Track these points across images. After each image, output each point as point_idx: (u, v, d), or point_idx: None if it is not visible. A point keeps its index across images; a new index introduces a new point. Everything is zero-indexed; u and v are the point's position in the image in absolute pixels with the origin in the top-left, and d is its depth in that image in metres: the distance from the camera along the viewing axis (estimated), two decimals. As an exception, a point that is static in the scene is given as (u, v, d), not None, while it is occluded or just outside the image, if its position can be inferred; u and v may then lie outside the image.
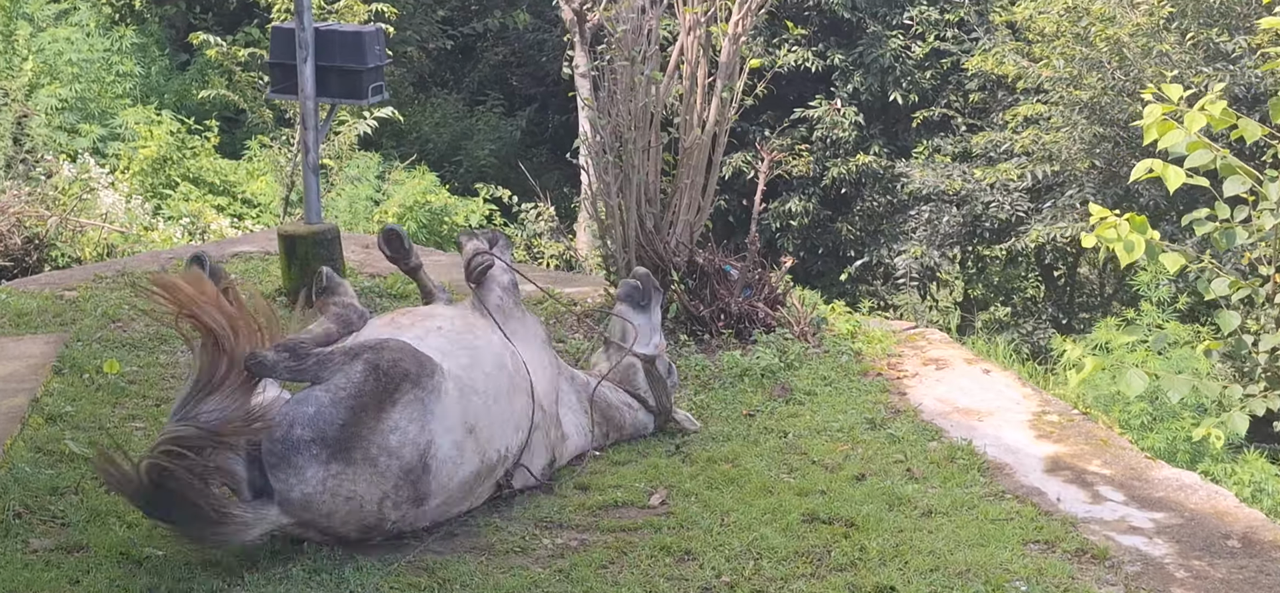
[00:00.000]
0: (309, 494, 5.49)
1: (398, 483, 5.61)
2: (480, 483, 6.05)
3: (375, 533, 5.72)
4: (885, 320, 10.14)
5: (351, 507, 5.56)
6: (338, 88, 9.54)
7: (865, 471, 6.75)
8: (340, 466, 5.48)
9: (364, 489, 5.55)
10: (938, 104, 20.37)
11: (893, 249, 20.28)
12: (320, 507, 5.52)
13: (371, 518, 5.63)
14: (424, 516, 5.82)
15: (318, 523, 5.57)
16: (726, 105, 9.22)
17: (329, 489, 5.49)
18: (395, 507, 5.66)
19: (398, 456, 5.60)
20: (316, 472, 5.47)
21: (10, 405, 7.19)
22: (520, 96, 24.08)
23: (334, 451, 5.48)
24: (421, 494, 5.72)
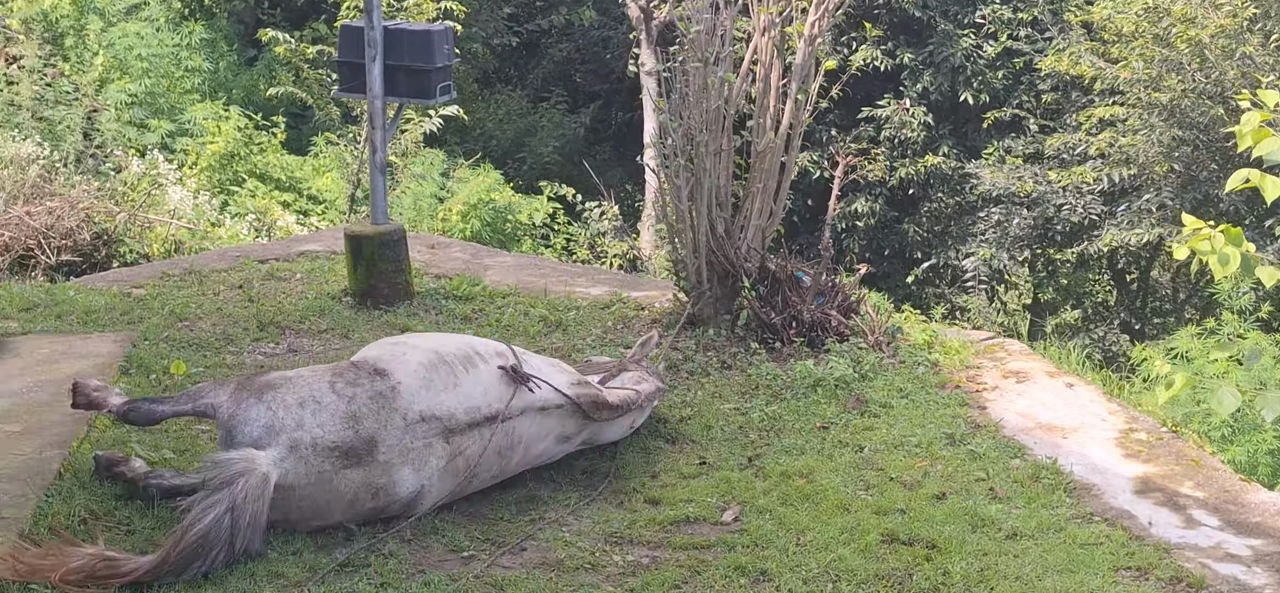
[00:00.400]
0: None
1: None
2: (477, 398, 6.22)
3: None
4: (963, 330, 9.90)
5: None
6: (406, 87, 9.44)
7: (946, 489, 6.55)
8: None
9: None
10: (1009, 104, 20.05)
11: (961, 251, 20.00)
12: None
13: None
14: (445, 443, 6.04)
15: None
16: (800, 107, 9.03)
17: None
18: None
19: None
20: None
21: (76, 407, 7.12)
22: (584, 93, 23.95)
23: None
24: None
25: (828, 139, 19.95)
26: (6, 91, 15.30)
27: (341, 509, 5.83)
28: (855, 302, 8.89)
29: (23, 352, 8.11)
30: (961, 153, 20.34)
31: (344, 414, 5.80)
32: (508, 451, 6.31)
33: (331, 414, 5.78)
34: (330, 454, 5.73)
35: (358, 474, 5.78)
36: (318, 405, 5.79)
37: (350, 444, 5.76)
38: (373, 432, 5.82)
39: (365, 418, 5.82)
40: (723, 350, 8.60)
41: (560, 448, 6.64)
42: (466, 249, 11.73)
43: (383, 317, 9.23)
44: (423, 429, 5.95)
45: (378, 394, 5.90)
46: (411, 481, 5.92)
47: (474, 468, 6.15)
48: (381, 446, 5.83)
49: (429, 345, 6.31)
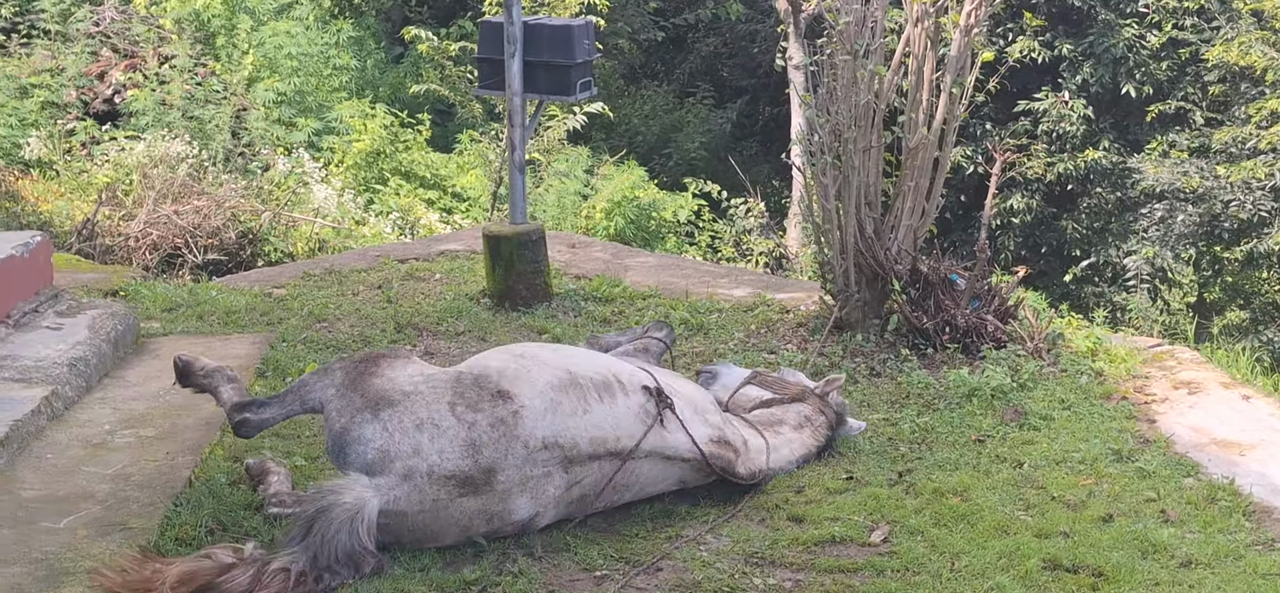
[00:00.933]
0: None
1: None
2: (608, 429, 5.91)
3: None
4: (1128, 336, 9.36)
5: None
6: (545, 83, 9.23)
7: (1113, 510, 6.10)
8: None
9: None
10: (1174, 97, 19.32)
11: (1122, 249, 19.35)
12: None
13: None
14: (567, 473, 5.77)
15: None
16: (955, 102, 8.60)
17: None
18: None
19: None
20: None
21: (211, 411, 7.01)
22: (731, 88, 23.64)
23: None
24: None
25: (982, 133, 19.41)
26: (158, 91, 15.51)
27: (454, 534, 5.58)
28: (1013, 306, 8.43)
29: (163, 352, 8.08)
30: (1123, 147, 19.71)
31: (464, 442, 5.51)
32: (623, 487, 5.99)
33: (450, 441, 5.50)
34: (446, 483, 5.48)
35: (473, 503, 5.53)
36: (436, 430, 5.51)
37: (467, 474, 5.50)
38: (492, 461, 5.54)
39: (485, 447, 5.53)
40: (871, 357, 8.23)
41: (679, 487, 6.31)
42: (607, 249, 11.50)
43: (521, 319, 9.04)
44: (544, 457, 5.65)
45: (500, 421, 5.58)
46: (526, 508, 5.65)
47: (589, 501, 5.86)
48: (500, 475, 5.55)
49: (561, 362, 5.97)
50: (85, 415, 6.90)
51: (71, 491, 5.93)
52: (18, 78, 15.34)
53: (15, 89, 15.26)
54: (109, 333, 7.75)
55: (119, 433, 6.67)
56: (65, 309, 8.05)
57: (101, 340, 7.61)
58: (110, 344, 7.70)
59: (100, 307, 8.21)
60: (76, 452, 6.40)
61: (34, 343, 7.44)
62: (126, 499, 5.86)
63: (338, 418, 5.58)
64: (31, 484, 6.00)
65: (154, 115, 15.05)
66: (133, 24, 16.50)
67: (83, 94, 15.54)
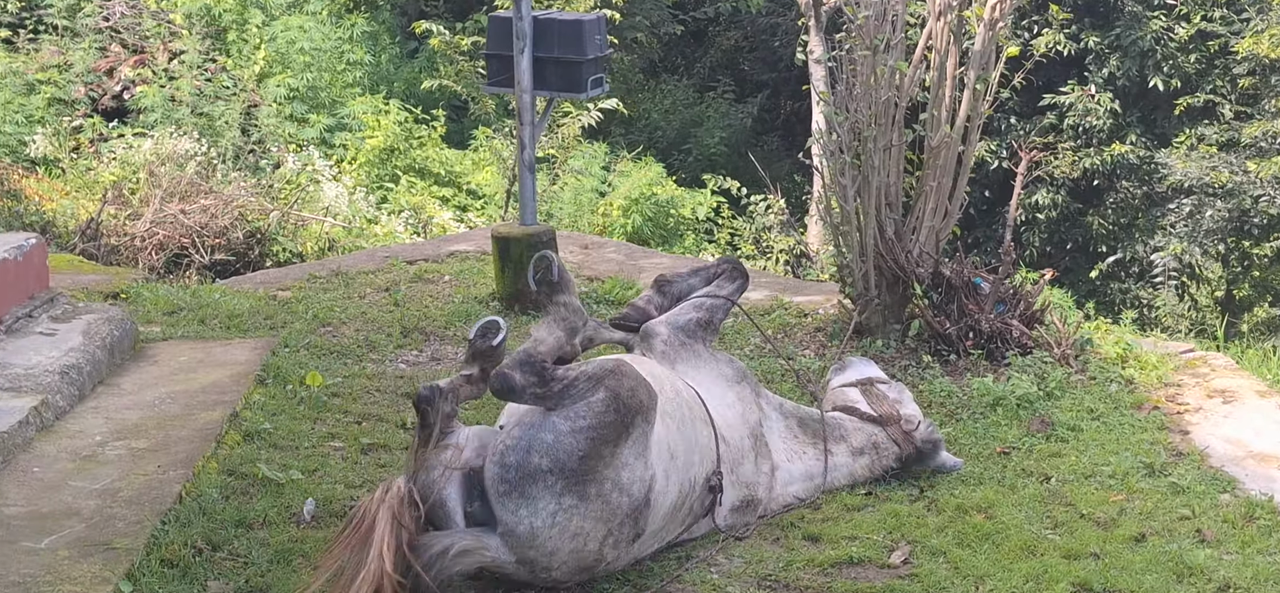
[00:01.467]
0: (537, 528, 5.00)
1: (623, 521, 5.12)
2: (675, 514, 5.51)
3: (586, 574, 5.18)
4: (1159, 341, 9.04)
5: (576, 545, 5.05)
6: (556, 80, 8.96)
7: (1145, 529, 5.80)
8: (574, 500, 5.01)
9: (591, 526, 5.05)
10: (1202, 90, 18.96)
11: (1149, 244, 19.02)
12: (546, 544, 5.02)
13: (591, 558, 5.11)
14: (633, 553, 5.31)
15: (537, 561, 5.06)
16: (979, 98, 8.30)
17: (558, 525, 5.00)
18: (614, 546, 5.14)
19: (628, 492, 5.12)
20: (549, 504, 5.00)
21: (207, 421, 6.79)
22: (751, 83, 23.34)
23: (570, 483, 5.01)
24: (639, 531, 5.21)
25: (1007, 128, 19.08)
26: (168, 87, 15.29)
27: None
28: (1039, 310, 8.13)
29: (161, 359, 7.85)
30: (1150, 141, 19.34)
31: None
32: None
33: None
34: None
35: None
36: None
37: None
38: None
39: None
40: (892, 363, 7.93)
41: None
42: (621, 249, 11.22)
43: (530, 323, 8.77)
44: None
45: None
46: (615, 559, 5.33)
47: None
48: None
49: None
50: (76, 426, 6.66)
51: (56, 507, 5.68)
52: (24, 73, 15.13)
53: (22, 85, 15.06)
54: (104, 339, 7.51)
55: (110, 444, 6.41)
56: (60, 314, 7.81)
57: (96, 347, 7.37)
58: (105, 351, 7.46)
59: (97, 311, 7.97)
60: (64, 465, 6.16)
61: (26, 350, 7.20)
62: (112, 517, 5.60)
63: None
64: (15, 500, 5.75)
65: (163, 112, 14.82)
66: (142, 19, 16.27)
67: (91, 90, 15.32)
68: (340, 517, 5.95)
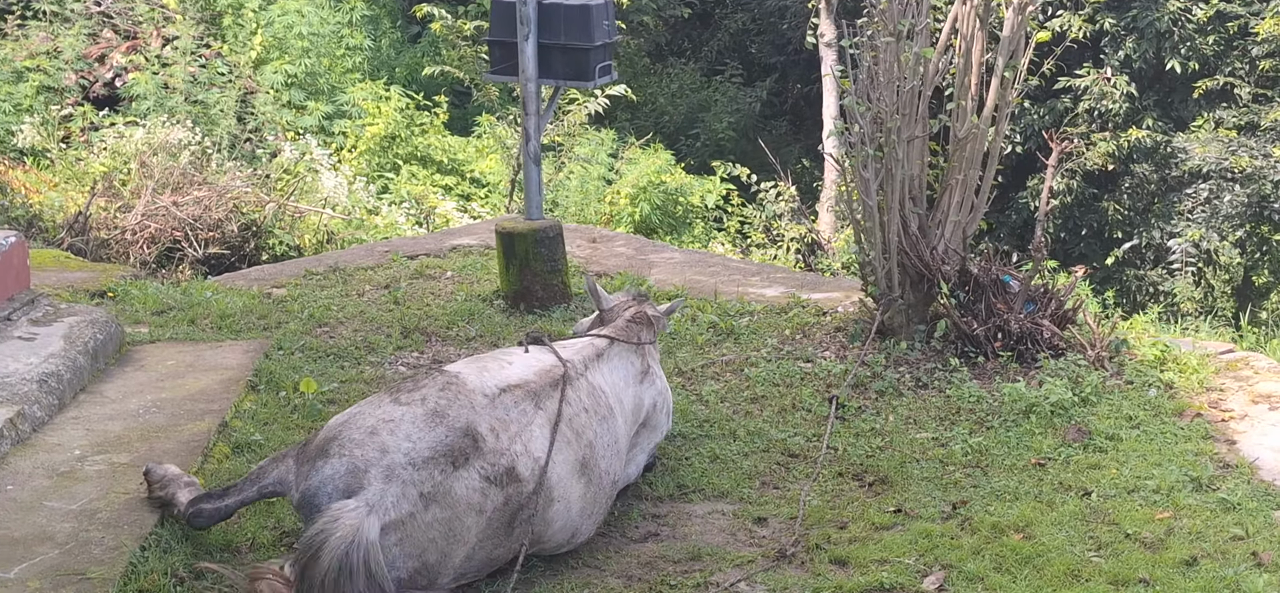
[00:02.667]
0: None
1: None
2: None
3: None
4: (1197, 339, 8.63)
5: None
6: (562, 68, 8.55)
7: (1196, 551, 5.41)
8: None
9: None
10: (1221, 72, 18.54)
11: (1165, 230, 18.61)
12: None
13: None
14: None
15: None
16: (1007, 86, 7.89)
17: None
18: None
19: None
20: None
21: (195, 432, 6.41)
22: (760, 66, 22.89)
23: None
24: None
25: (1021, 112, 18.65)
26: (160, 73, 14.86)
27: (479, 528, 4.95)
28: (1072, 310, 7.72)
29: (148, 363, 7.46)
30: (1167, 125, 18.93)
31: (424, 415, 4.98)
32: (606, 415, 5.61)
33: (412, 422, 4.96)
34: (432, 464, 4.88)
35: (471, 473, 4.92)
36: (392, 423, 4.96)
37: (447, 442, 4.93)
38: (465, 417, 5.00)
39: (448, 409, 5.01)
40: (917, 366, 7.54)
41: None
42: (630, 243, 10.81)
43: (536, 321, 8.39)
44: (507, 399, 5.19)
45: (445, 386, 5.13)
46: (526, 460, 5.09)
47: (586, 435, 5.39)
48: (480, 427, 5.02)
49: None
50: (55, 438, 6.27)
51: (29, 531, 5.29)
52: (12, 61, 14.69)
53: (10, 73, 14.61)
54: (87, 343, 7.12)
55: (90, 459, 6.03)
56: (41, 317, 7.42)
57: (77, 352, 6.98)
58: (88, 356, 7.07)
59: (80, 313, 7.57)
60: (40, 483, 5.77)
61: (3, 356, 6.80)
62: (89, 541, 5.22)
63: (298, 484, 5.01)
64: (-15, 523, 5.38)
65: (156, 100, 14.38)
66: (135, 4, 15.80)
67: (81, 78, 14.88)
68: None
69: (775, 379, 7.48)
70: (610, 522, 5.83)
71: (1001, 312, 7.57)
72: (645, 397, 6.01)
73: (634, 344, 6.04)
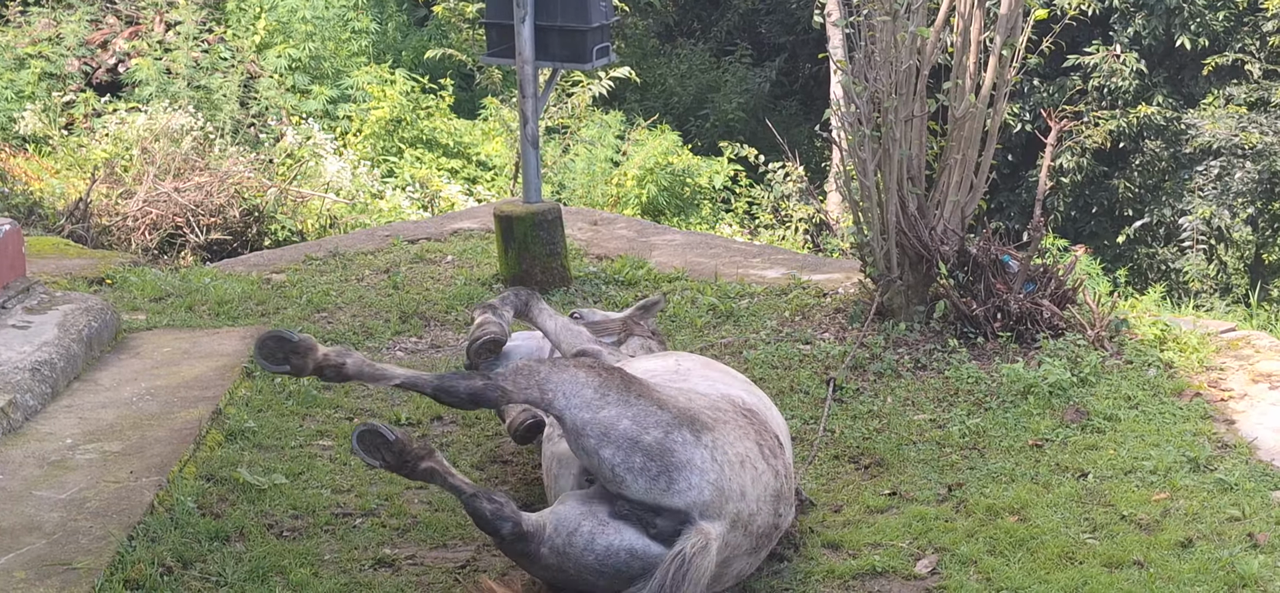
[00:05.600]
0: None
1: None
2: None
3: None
4: (1198, 318, 8.56)
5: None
6: (559, 50, 8.50)
7: (1192, 532, 5.35)
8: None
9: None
10: (1231, 48, 18.39)
11: (1176, 207, 18.50)
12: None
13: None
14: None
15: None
16: (1006, 64, 7.82)
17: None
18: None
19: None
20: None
21: (187, 419, 6.38)
22: (769, 46, 22.78)
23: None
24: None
25: (1030, 90, 18.54)
26: (163, 59, 14.82)
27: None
28: (1072, 289, 7.66)
29: (144, 350, 7.45)
30: (1177, 102, 18.80)
31: (773, 493, 4.83)
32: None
33: (765, 489, 4.80)
34: (754, 539, 4.80)
35: (744, 565, 4.86)
36: (756, 474, 4.77)
37: (768, 530, 4.86)
38: (779, 520, 4.92)
39: (783, 501, 4.91)
40: (916, 347, 7.49)
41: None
42: (632, 226, 10.76)
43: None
44: (785, 455, 5.09)
45: (785, 473, 4.96)
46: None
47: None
48: (771, 539, 4.96)
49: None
50: (46, 427, 6.26)
51: (17, 521, 5.28)
52: (14, 47, 14.66)
53: (12, 60, 14.58)
54: (81, 331, 7.10)
55: (81, 448, 6.01)
56: (36, 304, 7.40)
57: (71, 340, 6.96)
58: (82, 344, 7.05)
59: (75, 301, 7.55)
60: (31, 472, 5.76)
61: (-4, 345, 6.80)
62: (77, 531, 5.21)
63: (639, 428, 4.63)
64: (-25, 513, 5.36)
65: (158, 85, 14.35)
66: (138, -13, 15.81)
67: (84, 64, 14.86)
68: (324, 526, 5.57)
69: (774, 361, 7.43)
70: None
71: (1001, 292, 7.51)
72: None
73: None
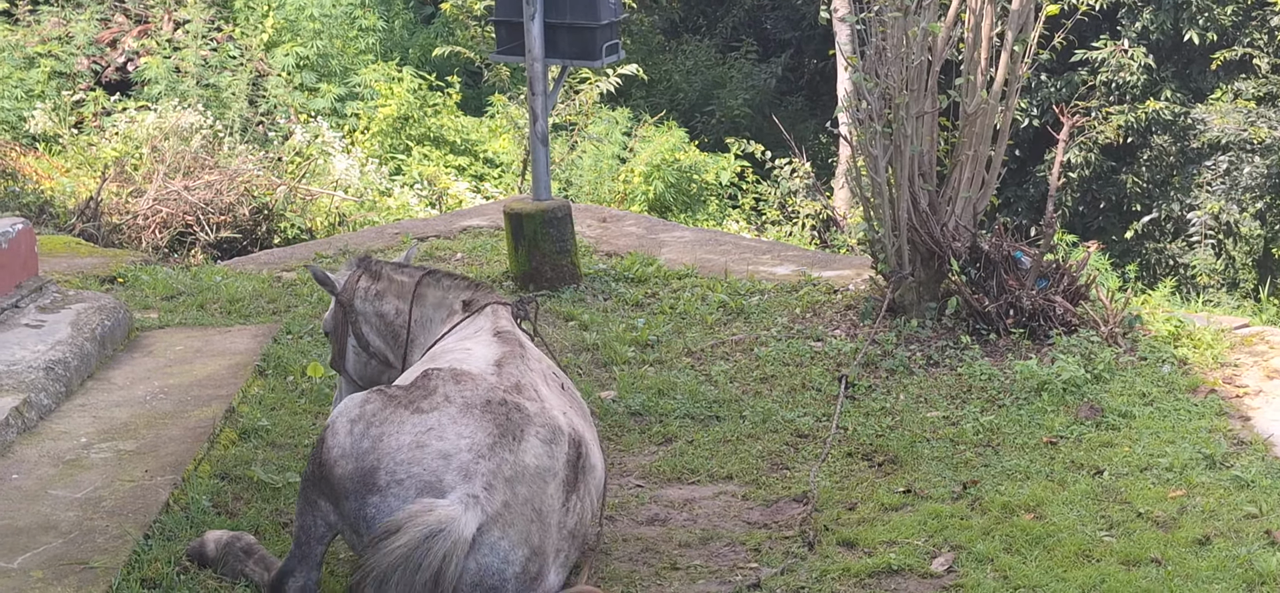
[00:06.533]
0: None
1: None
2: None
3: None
4: (1211, 313, 8.54)
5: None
6: (568, 47, 8.49)
7: (1209, 530, 5.34)
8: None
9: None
10: (1240, 43, 18.35)
11: (1185, 203, 18.46)
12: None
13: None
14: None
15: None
16: (1017, 60, 7.81)
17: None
18: None
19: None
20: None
21: (201, 417, 6.38)
22: (775, 42, 22.76)
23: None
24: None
25: (1037, 85, 18.51)
26: (172, 57, 14.82)
27: (558, 494, 4.66)
28: (1084, 285, 7.65)
29: (156, 348, 7.45)
30: (1185, 97, 18.75)
31: (459, 410, 4.64)
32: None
33: (452, 421, 4.63)
34: (498, 446, 4.58)
35: (531, 440, 4.65)
36: (434, 431, 4.59)
37: (500, 421, 4.64)
38: (498, 395, 4.73)
39: (475, 395, 4.70)
40: (928, 344, 7.48)
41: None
42: (641, 222, 10.76)
43: (546, 303, 8.34)
44: (509, 370, 4.97)
45: (454, 377, 4.79)
46: (558, 415, 4.84)
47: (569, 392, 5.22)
48: (512, 399, 4.74)
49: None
50: (61, 426, 6.26)
51: (33, 520, 5.28)
52: (24, 46, 14.66)
53: (22, 59, 14.58)
54: (94, 330, 7.11)
55: (96, 447, 6.02)
56: (48, 303, 7.41)
57: (85, 339, 6.97)
58: (95, 343, 7.06)
59: (88, 300, 7.56)
60: (46, 471, 5.76)
61: (10, 344, 6.79)
62: (93, 530, 5.20)
63: (354, 522, 4.63)
64: (-10, 512, 5.36)
65: (167, 84, 14.35)
66: (146, -13, 15.80)
67: (93, 62, 14.86)
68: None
69: (785, 359, 7.43)
70: (616, 505, 5.79)
71: (1013, 288, 7.50)
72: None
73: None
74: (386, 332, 5.69)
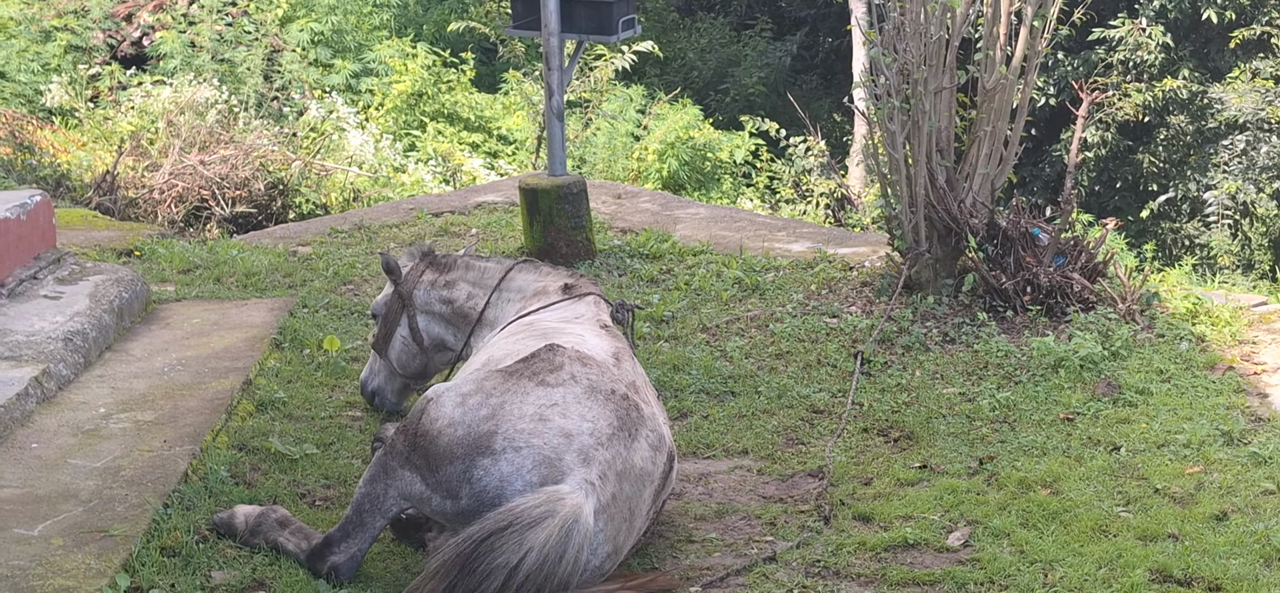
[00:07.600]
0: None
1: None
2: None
3: None
4: (1229, 290, 8.52)
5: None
6: (584, 22, 8.48)
7: (1226, 506, 5.33)
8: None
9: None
10: (1258, 21, 18.26)
11: (1201, 182, 18.40)
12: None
13: None
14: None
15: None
16: (1036, 36, 7.78)
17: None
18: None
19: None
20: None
21: (219, 389, 6.40)
22: (790, 19, 22.69)
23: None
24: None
25: (1054, 63, 18.44)
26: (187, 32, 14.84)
27: (649, 500, 4.73)
28: (1102, 263, 7.63)
29: (174, 321, 7.47)
30: (1203, 76, 18.67)
31: (584, 392, 4.66)
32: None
33: (577, 401, 4.62)
34: (614, 439, 4.59)
35: (641, 443, 4.67)
36: (558, 406, 4.58)
37: (621, 414, 4.64)
38: (621, 388, 4.73)
39: (601, 382, 4.73)
40: (945, 321, 7.47)
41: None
42: (655, 199, 10.76)
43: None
44: (625, 364, 5.07)
45: (580, 358, 4.81)
46: (663, 422, 4.93)
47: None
48: (632, 396, 4.76)
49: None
50: (80, 397, 6.28)
51: (53, 489, 5.30)
52: (40, 20, 14.69)
53: (38, 33, 14.62)
54: (112, 302, 7.13)
55: (114, 417, 6.04)
56: (66, 275, 7.43)
57: (103, 311, 6.99)
58: (113, 314, 7.08)
59: (105, 272, 7.58)
60: (65, 441, 5.78)
61: (29, 315, 6.82)
62: (112, 499, 5.22)
63: (446, 493, 4.59)
64: (10, 481, 5.38)
65: (182, 58, 14.38)
66: (163, -39, 15.80)
67: (109, 36, 14.88)
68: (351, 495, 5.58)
69: (800, 335, 7.42)
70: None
71: (1031, 265, 7.49)
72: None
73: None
74: (454, 316, 6.01)
